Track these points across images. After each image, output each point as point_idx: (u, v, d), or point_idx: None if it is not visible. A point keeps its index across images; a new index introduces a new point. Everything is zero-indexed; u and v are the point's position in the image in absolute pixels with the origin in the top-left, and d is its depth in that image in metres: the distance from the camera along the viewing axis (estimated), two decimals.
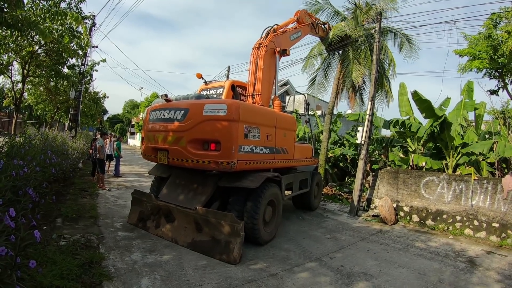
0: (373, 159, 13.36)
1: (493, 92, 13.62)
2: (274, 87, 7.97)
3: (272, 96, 7.96)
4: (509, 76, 12.89)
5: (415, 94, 9.55)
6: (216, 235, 5.41)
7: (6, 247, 2.18)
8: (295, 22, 9.26)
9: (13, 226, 2.43)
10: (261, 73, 7.50)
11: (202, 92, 8.36)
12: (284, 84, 33.55)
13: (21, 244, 2.56)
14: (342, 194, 12.38)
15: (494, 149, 8.83)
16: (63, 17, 8.48)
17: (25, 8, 8.99)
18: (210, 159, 5.55)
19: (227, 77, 21.90)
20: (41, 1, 9.16)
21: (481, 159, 9.69)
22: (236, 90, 7.61)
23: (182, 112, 5.93)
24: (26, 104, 22.19)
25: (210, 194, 6.09)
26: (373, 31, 10.08)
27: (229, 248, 5.17)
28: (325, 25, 10.95)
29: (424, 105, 9.45)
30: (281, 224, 7.19)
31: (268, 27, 8.22)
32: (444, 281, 5.06)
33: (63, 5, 11.66)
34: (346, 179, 14.19)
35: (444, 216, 8.34)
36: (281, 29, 8.47)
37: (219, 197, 6.29)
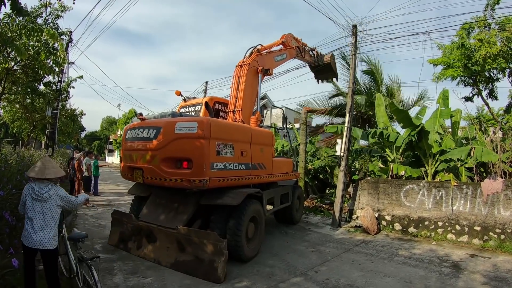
0: (352, 169, 13.46)
1: (468, 98, 14.00)
2: (255, 104, 8.01)
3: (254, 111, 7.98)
4: (482, 82, 13.31)
5: (392, 105, 9.72)
6: (199, 254, 5.33)
7: None
8: (281, 45, 9.26)
9: None
10: (243, 90, 7.55)
11: (181, 109, 8.34)
12: (263, 98, 33.62)
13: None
14: (324, 206, 12.40)
15: (471, 154, 9.05)
16: (39, 33, 8.33)
17: (1, 24, 8.81)
18: (183, 177, 5.54)
19: (205, 92, 21.82)
20: (17, 17, 8.96)
21: (459, 165, 9.90)
22: (210, 107, 7.59)
23: (155, 130, 5.95)
24: (2, 121, 21.53)
25: (191, 212, 6.02)
26: (349, 44, 10.25)
27: (213, 267, 5.10)
28: (313, 52, 10.81)
29: (401, 115, 9.62)
30: (264, 240, 7.14)
31: (252, 47, 8.30)
32: (430, 287, 5.11)
33: (39, 20, 11.50)
34: (327, 190, 14.19)
35: (426, 223, 8.46)
36: (265, 50, 8.54)
37: (201, 216, 6.23)
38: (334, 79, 11.89)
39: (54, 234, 3.69)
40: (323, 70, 11.15)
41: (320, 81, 11.62)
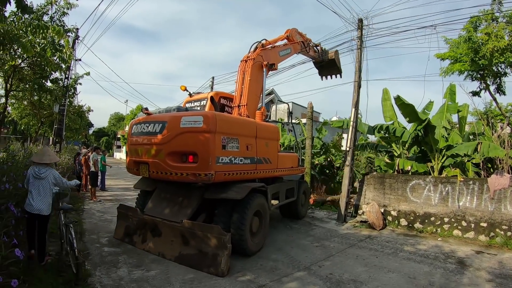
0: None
1: (475, 93, 13.76)
2: (260, 99, 7.97)
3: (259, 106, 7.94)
4: (490, 77, 13.10)
5: (398, 99, 9.60)
6: (203, 248, 5.35)
7: None
8: (285, 40, 9.17)
9: None
10: (248, 84, 7.51)
11: (187, 104, 8.34)
12: (269, 93, 33.35)
13: (3, 262, 2.49)
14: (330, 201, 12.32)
15: (478, 149, 8.93)
16: (45, 30, 8.38)
17: (7, 22, 8.86)
18: (188, 171, 5.55)
19: (211, 87, 21.75)
20: (23, 15, 9.03)
21: (466, 160, 9.77)
22: (215, 101, 7.59)
23: (161, 125, 5.96)
24: (10, 118, 21.79)
25: (195, 206, 6.03)
26: (355, 38, 10.15)
27: (216, 260, 5.11)
28: (317, 47, 10.65)
29: (408, 110, 9.51)
30: (268, 234, 7.14)
31: (257, 41, 8.25)
32: (434, 283, 5.06)
33: (45, 18, 11.56)
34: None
35: (432, 218, 8.39)
36: (270, 45, 8.48)
37: (205, 209, 6.23)
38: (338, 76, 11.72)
39: (48, 204, 4.82)
40: (327, 66, 11.03)
41: (324, 77, 11.52)
